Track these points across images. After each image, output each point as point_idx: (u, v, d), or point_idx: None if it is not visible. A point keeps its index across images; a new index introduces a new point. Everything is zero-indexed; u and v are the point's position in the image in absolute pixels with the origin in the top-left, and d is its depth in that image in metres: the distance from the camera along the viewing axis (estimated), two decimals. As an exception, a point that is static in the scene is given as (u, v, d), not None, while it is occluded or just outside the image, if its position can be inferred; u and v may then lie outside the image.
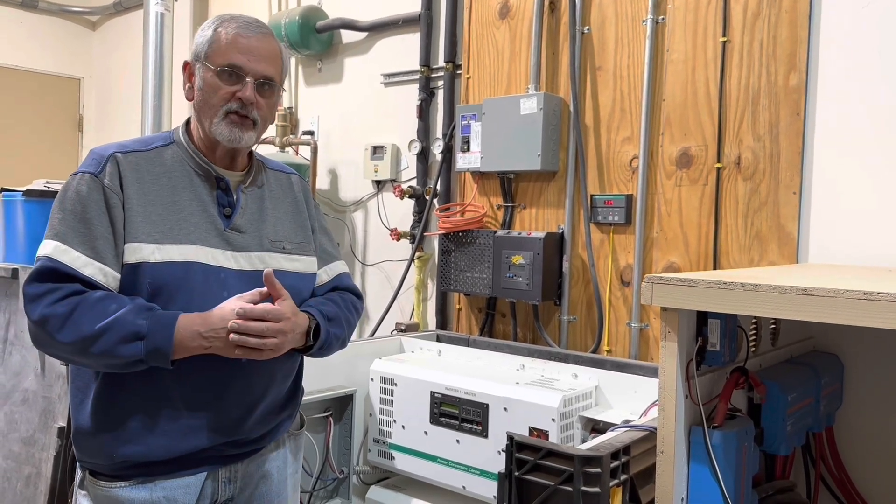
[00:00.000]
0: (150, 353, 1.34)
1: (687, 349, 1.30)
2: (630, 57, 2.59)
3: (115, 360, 1.34)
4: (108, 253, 1.39)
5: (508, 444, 1.47)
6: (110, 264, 1.39)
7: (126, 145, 1.50)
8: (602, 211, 2.62)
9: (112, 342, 1.32)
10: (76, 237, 1.39)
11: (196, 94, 1.53)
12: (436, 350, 2.72)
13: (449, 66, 3.13)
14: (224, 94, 1.48)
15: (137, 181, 1.45)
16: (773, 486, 1.55)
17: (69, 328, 1.33)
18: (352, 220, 3.60)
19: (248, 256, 1.51)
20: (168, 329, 1.35)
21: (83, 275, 1.37)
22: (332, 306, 1.62)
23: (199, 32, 1.54)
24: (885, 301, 1.04)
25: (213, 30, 1.51)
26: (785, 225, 2.24)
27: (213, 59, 1.49)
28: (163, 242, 1.42)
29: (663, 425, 1.28)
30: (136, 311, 1.35)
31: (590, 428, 2.11)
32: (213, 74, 1.49)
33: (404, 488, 2.44)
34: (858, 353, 1.84)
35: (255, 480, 1.57)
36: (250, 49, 1.50)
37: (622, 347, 2.59)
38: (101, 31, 5.30)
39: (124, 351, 1.33)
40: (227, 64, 1.48)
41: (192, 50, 1.54)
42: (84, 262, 1.37)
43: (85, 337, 1.33)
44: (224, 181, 1.54)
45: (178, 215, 1.46)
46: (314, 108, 3.79)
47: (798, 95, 2.21)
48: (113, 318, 1.33)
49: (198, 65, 1.51)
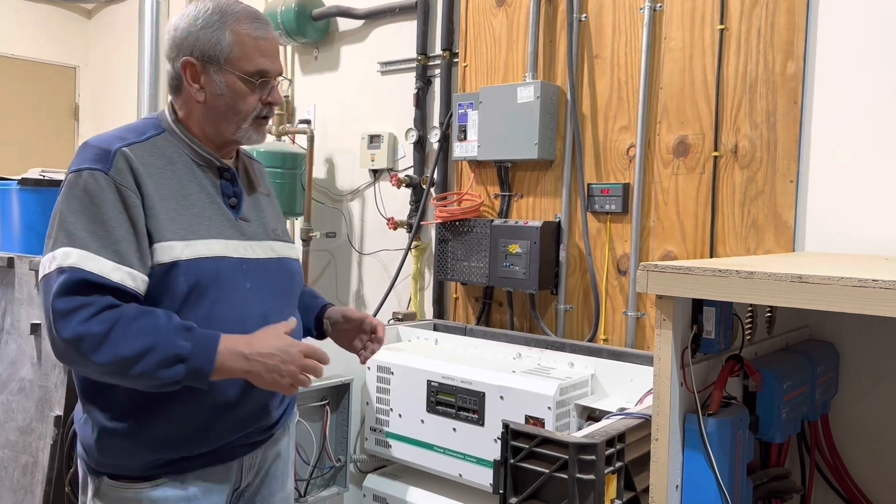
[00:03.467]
0: (189, 375, 1.30)
1: (682, 337, 1.30)
2: (627, 45, 2.57)
3: (153, 381, 1.29)
4: (132, 255, 1.32)
5: (504, 432, 1.48)
6: (136, 267, 1.33)
7: (124, 137, 1.41)
8: (599, 200, 2.62)
9: (153, 364, 1.27)
10: (97, 242, 1.30)
11: (212, 98, 1.45)
12: (433, 339, 2.73)
13: (446, 55, 3.11)
14: (253, 100, 1.46)
15: (149, 175, 1.38)
16: (767, 473, 1.55)
17: (107, 349, 1.26)
18: (349, 210, 3.59)
19: (260, 245, 1.52)
20: (211, 351, 1.31)
21: (113, 282, 1.29)
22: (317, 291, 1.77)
23: (204, 30, 1.43)
24: (881, 288, 1.04)
25: (229, 31, 1.43)
26: (781, 213, 2.23)
27: (240, 65, 1.43)
28: (189, 238, 1.38)
29: (658, 413, 1.28)
30: (176, 330, 1.30)
31: (585, 416, 2.11)
32: (240, 81, 1.44)
33: (401, 476, 2.45)
34: (854, 342, 1.85)
35: (269, 462, 1.60)
36: (271, 50, 1.48)
37: (618, 336, 2.59)
38: (96, 20, 5.27)
39: (164, 374, 1.28)
40: (257, 71, 1.45)
41: (193, 47, 1.43)
42: (111, 269, 1.30)
43: (124, 358, 1.27)
44: (229, 171, 1.51)
45: (192, 210, 1.42)
46: (311, 97, 3.77)
47: (795, 83, 2.20)
48: (153, 339, 1.28)
49: (213, 68, 1.43)
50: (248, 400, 1.45)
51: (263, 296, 1.49)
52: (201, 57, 1.43)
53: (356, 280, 3.55)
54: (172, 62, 1.47)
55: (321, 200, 3.65)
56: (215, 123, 1.47)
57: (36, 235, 2.91)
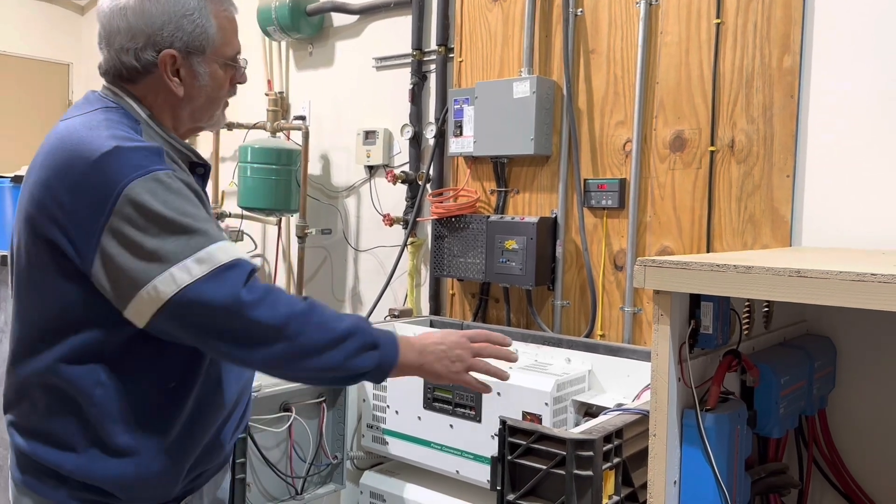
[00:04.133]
0: (379, 365, 1.24)
1: (679, 332, 1.30)
2: (623, 39, 2.57)
3: (342, 372, 1.22)
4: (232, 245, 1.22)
5: (501, 429, 1.47)
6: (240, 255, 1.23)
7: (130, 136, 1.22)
8: (595, 195, 2.61)
9: (353, 349, 1.21)
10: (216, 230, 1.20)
11: (194, 90, 1.31)
12: (429, 335, 2.72)
13: (441, 50, 3.10)
14: (228, 85, 1.36)
15: None
16: (765, 468, 1.55)
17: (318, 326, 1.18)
18: (344, 206, 3.58)
19: None
20: (394, 344, 1.27)
21: (253, 265, 1.20)
22: None
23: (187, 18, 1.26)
24: (879, 282, 1.03)
25: (211, 16, 1.29)
26: (778, 208, 2.23)
27: (223, 52, 1.32)
28: None
29: (656, 408, 1.28)
30: (361, 319, 1.27)
31: (583, 412, 2.11)
32: (221, 68, 1.32)
33: (398, 473, 2.44)
34: (851, 336, 1.84)
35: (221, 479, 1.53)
36: (237, 27, 1.37)
37: (615, 332, 2.58)
38: (89, 16, 5.24)
39: (359, 362, 1.22)
40: (235, 54, 1.35)
41: (175, 38, 1.27)
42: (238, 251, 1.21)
43: (334, 338, 1.19)
44: (204, 167, 1.38)
45: None
46: (305, 93, 3.75)
47: (792, 77, 2.20)
48: (353, 322, 1.23)
49: (197, 59, 1.29)
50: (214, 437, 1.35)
51: None
52: (184, 48, 1.27)
53: (352, 277, 3.54)
54: (135, 53, 1.26)
55: (316, 197, 3.64)
56: (192, 114, 1.34)
57: (29, 233, 2.89)
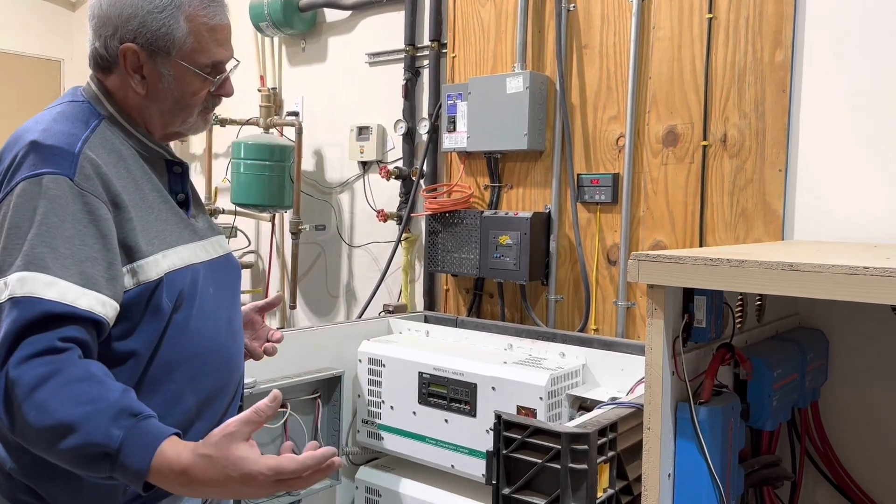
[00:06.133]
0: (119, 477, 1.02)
1: (673, 326, 1.30)
2: (616, 34, 2.57)
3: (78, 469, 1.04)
4: (99, 277, 1.10)
5: (496, 423, 1.48)
6: (105, 292, 1.10)
7: (74, 132, 1.18)
8: (589, 190, 2.62)
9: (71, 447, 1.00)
10: (58, 261, 1.07)
11: (156, 91, 1.26)
12: (424, 331, 2.72)
13: (434, 45, 3.10)
14: (204, 94, 1.30)
15: (117, 177, 1.19)
16: (758, 461, 1.56)
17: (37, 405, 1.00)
18: (338, 202, 3.58)
19: (211, 243, 1.36)
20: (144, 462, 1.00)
21: (81, 310, 1.06)
22: None
23: (153, 15, 1.22)
24: (871, 276, 1.04)
25: (182, 17, 1.23)
26: (770, 202, 2.24)
27: (193, 58, 1.25)
28: (162, 249, 1.22)
29: (650, 402, 1.28)
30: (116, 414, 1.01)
31: (577, 406, 2.12)
32: (191, 75, 1.26)
33: (393, 468, 2.45)
34: (843, 329, 1.86)
35: None
36: (227, 37, 1.31)
37: (609, 326, 2.59)
38: (81, 12, 5.21)
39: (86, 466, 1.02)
40: (211, 63, 1.28)
41: (137, 34, 1.22)
42: (76, 295, 1.07)
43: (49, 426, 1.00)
44: (181, 165, 1.34)
45: (153, 214, 1.24)
46: (298, 89, 3.75)
47: (784, 72, 2.21)
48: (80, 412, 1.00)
49: (160, 59, 1.24)
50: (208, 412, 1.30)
51: (225, 299, 1.36)
52: (147, 45, 1.23)
53: (346, 272, 3.54)
54: (105, 40, 1.24)
55: (310, 193, 3.64)
56: (159, 116, 1.29)
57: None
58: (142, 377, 1.20)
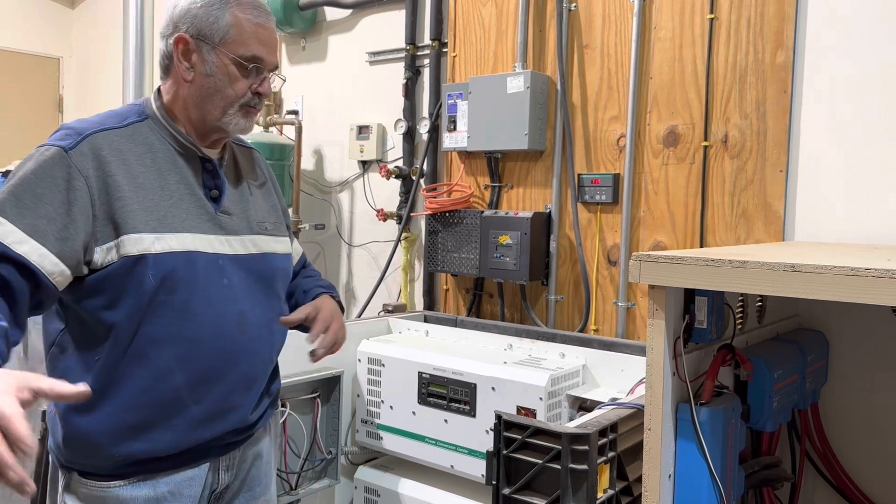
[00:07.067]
0: None
1: (674, 326, 1.30)
2: (617, 34, 2.57)
3: None
4: (49, 234, 1.24)
5: (496, 423, 1.47)
6: (51, 249, 1.23)
7: (102, 122, 1.37)
8: (589, 190, 2.61)
9: None
10: (15, 209, 1.23)
11: (201, 79, 1.41)
12: (423, 331, 2.72)
13: (435, 45, 3.09)
14: (244, 86, 1.42)
15: (123, 163, 1.34)
16: (759, 462, 1.56)
17: None
18: (337, 201, 3.57)
19: (241, 240, 1.47)
20: None
21: (13, 252, 1.20)
22: (324, 281, 1.71)
23: (204, 8, 1.40)
24: (873, 277, 1.04)
25: (228, 12, 1.40)
26: (771, 203, 2.24)
27: (234, 48, 1.40)
28: (160, 231, 1.34)
29: (651, 402, 1.28)
30: None
31: (577, 406, 2.11)
32: (232, 64, 1.40)
33: (392, 468, 2.45)
34: (844, 331, 1.85)
35: (249, 464, 1.56)
36: (269, 41, 1.45)
37: (609, 326, 2.59)
38: (80, 10, 5.20)
39: None
40: (251, 56, 1.41)
41: (190, 25, 1.41)
42: (19, 239, 1.21)
43: None
44: (211, 162, 1.47)
45: (168, 201, 1.37)
46: (298, 88, 3.74)
47: (785, 73, 2.20)
48: None
49: (206, 47, 1.40)
50: (223, 400, 1.41)
51: (242, 293, 1.44)
52: (196, 34, 1.40)
53: (346, 272, 3.54)
54: (166, 39, 1.43)
55: (310, 192, 3.63)
56: (201, 106, 1.42)
57: (21, 228, 2.87)
58: (127, 347, 1.33)
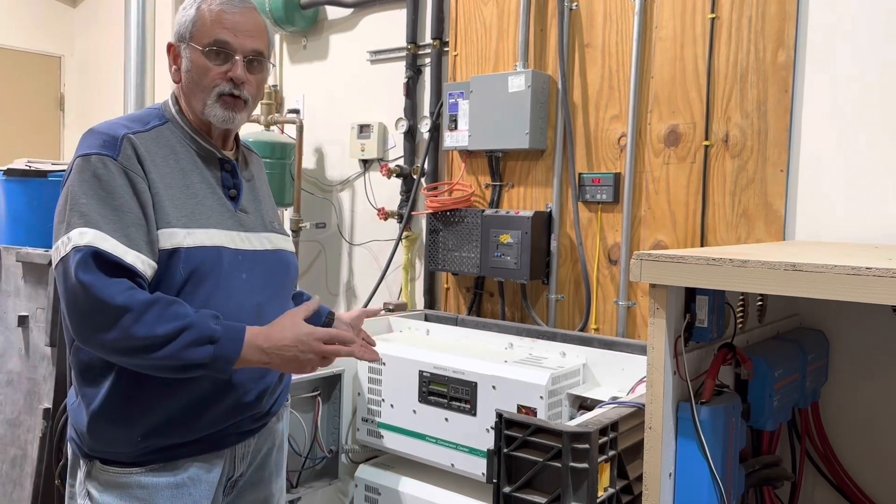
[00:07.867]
0: (215, 359, 1.31)
1: (675, 325, 1.30)
2: (618, 34, 2.57)
3: (178, 362, 1.30)
4: (141, 241, 1.34)
5: (497, 421, 1.48)
6: (145, 253, 1.34)
7: (129, 125, 1.43)
8: (590, 189, 2.62)
9: (184, 343, 1.29)
10: (109, 225, 1.31)
11: (184, 76, 1.49)
12: (424, 329, 2.72)
13: (436, 44, 3.09)
14: (214, 74, 1.45)
15: (153, 164, 1.41)
16: (759, 460, 1.56)
17: (145, 324, 1.27)
18: (338, 200, 3.58)
19: (258, 237, 1.53)
20: (238, 341, 1.33)
21: (127, 263, 1.30)
22: None
23: (181, 13, 1.49)
24: (873, 276, 1.04)
25: (195, 8, 1.47)
26: (772, 202, 2.24)
27: (199, 39, 1.45)
28: (190, 227, 1.40)
29: (651, 401, 1.28)
30: (209, 316, 1.33)
31: (578, 405, 2.11)
32: (201, 54, 1.45)
33: (393, 467, 2.45)
34: (844, 330, 1.86)
35: (263, 451, 1.60)
36: (236, 25, 1.46)
37: (610, 326, 2.59)
38: (81, 8, 5.20)
39: (192, 354, 1.29)
40: (213, 42, 1.45)
41: (174, 31, 1.50)
42: (124, 251, 1.31)
43: (157, 337, 1.28)
44: (230, 163, 1.53)
45: (194, 199, 1.44)
46: (299, 86, 3.74)
47: (786, 72, 2.20)
48: (189, 321, 1.30)
49: (183, 46, 1.48)
50: (237, 389, 1.45)
51: (259, 287, 1.50)
52: (177, 38, 1.49)
53: (346, 271, 3.54)
54: None
55: (311, 191, 3.63)
56: (190, 102, 1.49)
57: (22, 226, 2.88)
58: None
